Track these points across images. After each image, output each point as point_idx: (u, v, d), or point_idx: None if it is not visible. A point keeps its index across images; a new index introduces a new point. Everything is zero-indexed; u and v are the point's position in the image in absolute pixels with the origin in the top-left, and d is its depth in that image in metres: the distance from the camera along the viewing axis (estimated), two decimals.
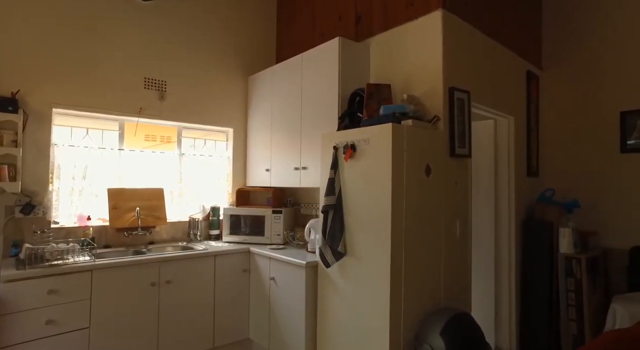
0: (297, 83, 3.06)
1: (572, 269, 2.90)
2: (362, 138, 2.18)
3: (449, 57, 2.41)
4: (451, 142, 2.37)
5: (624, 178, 3.14)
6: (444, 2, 2.41)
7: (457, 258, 2.46)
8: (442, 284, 2.32)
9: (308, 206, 3.42)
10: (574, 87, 3.44)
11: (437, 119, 2.31)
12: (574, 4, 3.45)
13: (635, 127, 3.08)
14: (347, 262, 2.26)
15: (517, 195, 3.12)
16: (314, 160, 2.85)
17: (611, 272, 3.16)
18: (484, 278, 3.17)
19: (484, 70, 2.81)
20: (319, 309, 2.45)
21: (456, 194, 2.46)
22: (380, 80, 2.74)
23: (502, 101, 3.00)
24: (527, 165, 3.30)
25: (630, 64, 3.13)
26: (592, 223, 3.26)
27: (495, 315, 3.15)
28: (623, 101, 3.15)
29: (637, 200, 3.07)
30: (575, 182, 3.39)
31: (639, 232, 3.05)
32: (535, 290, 3.07)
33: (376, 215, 2.09)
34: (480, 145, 3.18)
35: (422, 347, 2.00)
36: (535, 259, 3.08)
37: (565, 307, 2.93)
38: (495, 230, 3.15)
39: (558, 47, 3.55)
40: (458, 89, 2.42)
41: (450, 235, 2.40)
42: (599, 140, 3.28)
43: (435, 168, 2.28)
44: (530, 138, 3.35)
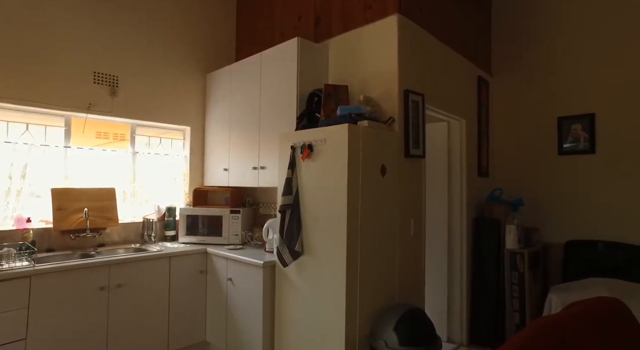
0: (256, 82, 3.04)
1: (516, 263, 3.09)
2: (319, 138, 2.21)
3: (404, 60, 2.49)
4: (406, 143, 2.45)
5: (560, 178, 3.40)
6: (400, 7, 2.49)
7: (412, 255, 2.55)
8: (396, 281, 2.39)
9: (267, 206, 3.40)
10: (518, 93, 3.67)
11: (393, 121, 2.38)
12: (519, 16, 3.68)
13: (570, 131, 3.34)
14: (304, 261, 2.27)
15: (469, 194, 3.28)
16: (272, 159, 2.84)
17: (549, 265, 3.40)
18: (437, 274, 3.31)
19: (437, 75, 2.92)
20: (277, 308, 2.44)
21: (411, 194, 2.54)
22: (338, 81, 2.78)
23: (454, 104, 3.15)
24: (478, 166, 3.48)
25: (566, 74, 3.39)
26: (535, 220, 3.50)
27: (447, 309, 3.29)
28: (560, 107, 3.41)
29: (572, 199, 3.33)
30: (520, 182, 3.62)
31: (573, 228, 3.31)
32: (484, 284, 3.24)
33: (332, 214, 2.12)
34: (434, 146, 3.31)
35: (377, 343, 2.06)
36: (485, 254, 3.26)
37: (510, 298, 3.12)
38: (449, 228, 3.30)
39: (505, 55, 3.77)
40: (413, 91, 2.51)
41: (404, 233, 2.48)
42: (540, 143, 3.52)
43: (390, 168, 2.35)
44: (481, 140, 3.53)
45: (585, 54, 3.30)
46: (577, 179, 3.32)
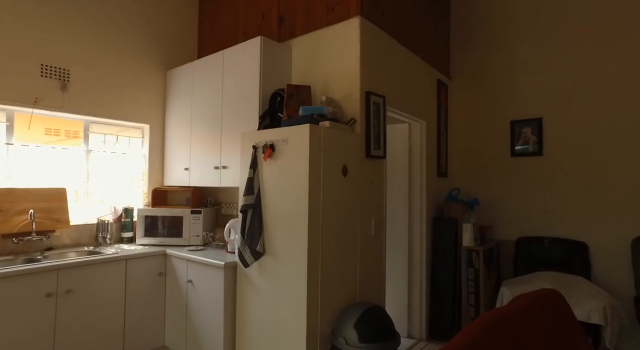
0: (218, 80, 2.98)
1: (472, 260, 3.23)
2: (281, 138, 2.20)
3: (366, 62, 2.54)
4: (367, 144, 2.50)
5: (513, 179, 3.59)
6: (362, 10, 2.53)
7: (373, 254, 2.60)
8: (358, 279, 2.43)
9: (229, 206, 3.35)
10: (475, 96, 3.84)
11: (354, 122, 2.42)
12: (476, 24, 3.85)
13: (521, 134, 3.53)
14: (265, 262, 2.26)
15: (428, 194, 3.39)
16: (234, 159, 2.80)
17: (502, 261, 3.59)
18: (398, 272, 3.39)
19: (398, 77, 3.00)
20: (238, 309, 2.42)
21: (372, 193, 2.60)
22: (301, 81, 2.78)
23: (415, 106, 3.24)
24: (437, 166, 3.60)
25: (517, 80, 3.58)
26: (489, 218, 3.67)
27: (408, 306, 3.38)
28: (512, 111, 3.60)
29: (522, 198, 3.53)
30: (476, 182, 3.79)
31: (523, 226, 3.51)
32: (442, 281, 3.36)
33: (294, 214, 2.12)
34: (395, 147, 3.40)
35: (338, 341, 2.09)
36: (443, 252, 3.38)
37: (466, 294, 3.26)
38: (409, 227, 3.39)
39: (463, 60, 3.93)
40: (374, 93, 2.56)
41: (366, 232, 2.53)
42: (495, 145, 3.70)
43: (351, 168, 2.38)
44: (440, 141, 3.66)
45: (535, 62, 3.50)
46: (527, 179, 3.52)
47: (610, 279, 3.12)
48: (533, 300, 1.53)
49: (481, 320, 1.29)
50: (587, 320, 2.68)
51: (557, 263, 3.29)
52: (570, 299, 2.79)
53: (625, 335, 3.00)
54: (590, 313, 2.68)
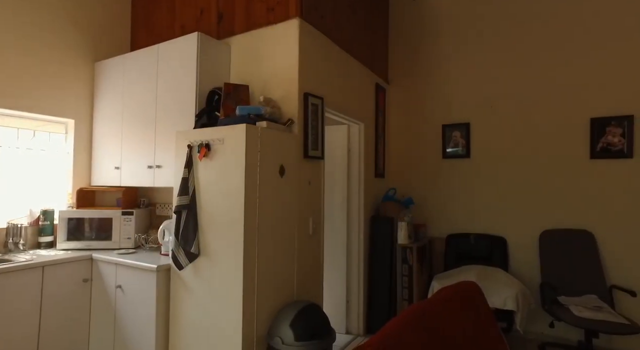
0: (153, 75, 2.85)
1: (406, 257, 3.41)
2: (217, 137, 2.16)
3: (304, 64, 2.57)
4: (305, 145, 2.53)
5: (444, 179, 3.84)
6: (301, 12, 2.56)
7: (310, 253, 2.64)
8: (295, 279, 2.46)
9: (164, 207, 3.21)
10: (411, 101, 4.05)
11: (292, 122, 2.44)
12: (412, 32, 4.06)
13: (451, 137, 3.79)
14: (200, 263, 2.21)
15: (366, 194, 3.51)
16: (169, 158, 2.69)
17: (434, 256, 3.82)
18: (337, 270, 3.48)
19: (338, 80, 3.07)
20: (172, 314, 2.33)
21: (309, 193, 2.64)
22: (240, 80, 2.75)
23: (353, 109, 3.34)
24: (375, 167, 3.74)
25: (448, 88, 3.84)
26: (423, 217, 3.90)
27: (346, 303, 3.48)
28: (444, 116, 3.85)
29: (452, 197, 3.79)
30: (411, 182, 4.00)
31: (452, 223, 3.77)
32: (379, 278, 3.50)
33: (230, 215, 2.09)
34: (334, 148, 3.48)
35: (273, 340, 2.09)
36: (380, 250, 3.52)
37: (401, 289, 3.43)
38: (348, 226, 3.48)
39: (400, 65, 4.13)
40: (313, 94, 2.60)
41: (303, 232, 2.56)
42: (428, 148, 3.93)
43: (289, 169, 2.40)
44: (378, 143, 3.80)
45: (464, 72, 3.78)
46: (457, 180, 3.78)
47: (523, 269, 3.46)
48: (452, 293, 1.65)
49: (405, 313, 1.38)
50: (503, 307, 2.95)
51: (481, 257, 3.58)
52: (490, 289, 3.06)
53: (533, 318, 3.34)
54: (505, 300, 2.95)
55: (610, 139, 3.21)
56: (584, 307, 2.89)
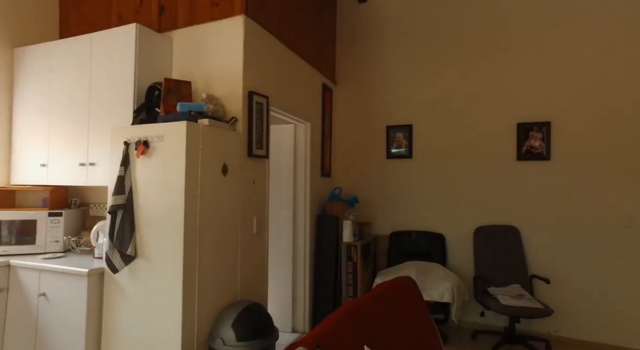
0: (86, 66, 2.66)
1: (351, 254, 3.50)
2: (156, 134, 2.08)
3: (250, 62, 2.55)
4: (249, 143, 2.51)
5: (388, 179, 3.99)
6: (246, 9, 2.53)
7: (254, 253, 2.62)
8: (238, 279, 2.43)
9: (98, 207, 3.02)
10: (357, 102, 4.16)
11: (235, 121, 2.41)
12: (358, 35, 4.17)
13: (395, 138, 3.95)
14: (138, 266, 2.11)
15: (312, 193, 3.55)
16: (104, 155, 2.54)
17: (378, 253, 3.96)
18: (283, 269, 3.48)
19: (284, 79, 3.08)
20: (105, 320, 2.20)
21: (254, 193, 2.62)
22: (183, 76, 2.66)
23: (300, 108, 3.36)
24: (321, 166, 3.80)
25: (392, 90, 4.00)
26: (367, 215, 4.02)
27: (292, 301, 3.50)
28: (388, 117, 4.00)
29: (395, 196, 3.95)
30: (357, 181, 4.11)
31: (395, 221, 3.94)
32: (324, 275, 3.56)
33: (169, 214, 2.02)
34: (281, 147, 3.48)
35: (215, 342, 2.06)
36: (325, 248, 3.58)
37: (346, 286, 3.52)
38: (294, 224, 3.50)
39: (347, 67, 4.22)
40: (257, 93, 2.58)
41: (247, 231, 2.54)
42: (373, 148, 4.06)
43: (232, 167, 2.37)
44: (324, 143, 3.86)
45: (408, 74, 3.95)
46: (400, 179, 3.95)
47: (459, 263, 3.70)
48: (389, 287, 1.73)
49: (342, 308, 1.42)
50: (440, 299, 3.13)
51: (422, 253, 3.77)
52: (429, 283, 3.23)
53: (467, 308, 3.59)
54: (443, 293, 3.14)
55: (533, 142, 3.53)
56: (509, 296, 3.16)
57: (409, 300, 1.77)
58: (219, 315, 2.15)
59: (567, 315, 3.35)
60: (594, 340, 3.27)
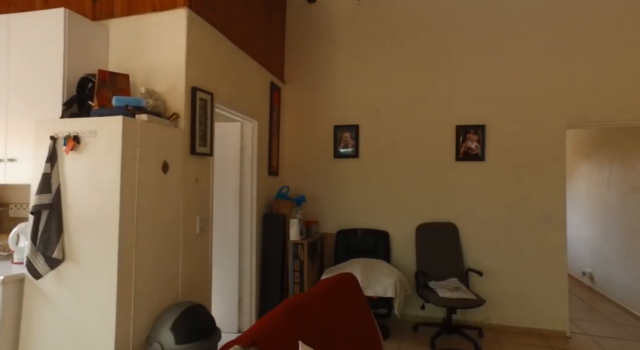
0: (2, 52, 2.42)
1: (297, 252, 3.51)
2: (88, 129, 1.95)
3: (193, 57, 2.47)
4: (192, 140, 2.44)
5: (335, 178, 4.06)
6: (190, 2, 2.45)
7: (197, 253, 2.55)
8: (180, 280, 2.35)
9: (20, 207, 2.76)
10: (305, 101, 4.19)
11: (177, 117, 2.32)
12: (307, 35, 4.20)
13: (342, 138, 4.03)
14: (66, 269, 1.96)
15: (259, 192, 3.52)
16: (27, 151, 2.33)
17: (325, 251, 4.02)
18: (229, 268, 3.42)
19: (230, 76, 3.02)
20: (24, 331, 2.02)
21: (197, 191, 2.54)
22: (121, 69, 2.52)
23: (247, 106, 3.32)
24: (269, 165, 3.78)
25: (339, 90, 4.07)
26: (315, 214, 4.06)
27: (239, 301, 3.44)
28: (336, 117, 4.07)
29: (342, 195, 4.03)
30: (304, 180, 4.14)
31: (342, 219, 4.02)
32: (271, 274, 3.54)
33: (103, 214, 1.91)
34: (228, 145, 3.41)
35: (152, 346, 1.97)
36: (272, 247, 3.57)
37: (292, 284, 3.53)
38: (240, 223, 3.45)
39: (296, 66, 4.23)
40: (201, 89, 2.51)
41: (190, 230, 2.46)
42: (321, 147, 4.11)
43: (174, 165, 2.28)
44: (271, 141, 3.84)
45: (355, 75, 4.05)
46: (347, 178, 4.03)
47: (402, 259, 3.86)
48: (330, 284, 1.77)
49: (282, 305, 1.43)
50: (384, 294, 3.24)
51: (367, 250, 3.87)
52: (374, 279, 3.34)
53: (409, 302, 3.76)
54: (386, 289, 3.25)
55: (470, 144, 3.77)
56: (447, 289, 3.35)
57: (350, 296, 1.82)
58: (158, 319, 2.07)
59: (496, 304, 3.62)
60: (518, 325, 3.57)
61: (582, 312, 4.11)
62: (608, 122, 3.47)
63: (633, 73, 3.41)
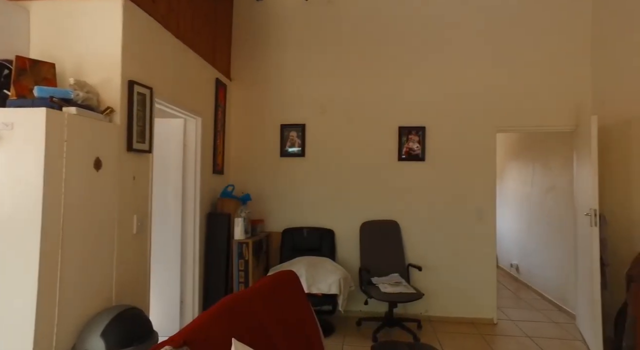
0: None
1: (242, 252, 3.47)
2: (4, 121, 1.78)
3: (130, 49, 2.35)
4: (129, 137, 2.32)
5: (281, 177, 4.07)
6: None
7: (134, 254, 2.43)
8: (114, 283, 2.22)
9: None
10: (252, 99, 4.14)
11: (112, 111, 2.20)
12: (255, 33, 4.16)
13: (289, 137, 4.05)
14: None
15: (203, 190, 3.43)
16: None
17: (271, 250, 4.01)
18: (170, 269, 3.30)
19: (172, 71, 2.91)
20: None
21: (134, 189, 2.43)
22: (45, 57, 2.32)
23: (190, 102, 3.22)
24: (214, 163, 3.69)
25: (286, 89, 4.08)
26: (261, 212, 4.04)
27: (180, 303, 3.33)
28: (283, 116, 4.08)
29: (289, 194, 4.05)
30: (251, 179, 4.10)
31: (288, 218, 4.03)
32: (215, 274, 3.47)
33: (23, 214, 1.76)
34: (169, 141, 3.29)
35: None
36: (216, 247, 3.49)
37: (237, 284, 3.48)
38: (182, 223, 3.34)
39: (243, 64, 4.17)
40: (140, 83, 2.40)
41: (126, 231, 2.34)
42: (267, 146, 4.09)
43: (108, 162, 2.16)
44: (217, 139, 3.76)
45: (302, 75, 4.08)
46: (293, 177, 4.05)
47: (347, 256, 3.96)
48: (269, 281, 1.78)
49: (218, 304, 1.41)
50: (328, 291, 3.31)
51: (313, 248, 3.92)
52: (318, 277, 3.39)
53: (353, 299, 3.86)
54: (330, 286, 3.32)
55: (412, 145, 3.95)
56: (388, 284, 3.49)
57: (290, 293, 1.84)
58: (86, 325, 1.95)
59: (434, 297, 3.84)
60: (453, 316, 3.81)
61: (508, 300, 4.48)
62: (529, 128, 3.82)
63: (548, 86, 3.78)
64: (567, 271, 4.03)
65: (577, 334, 3.49)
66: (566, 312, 4.04)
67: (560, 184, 4.25)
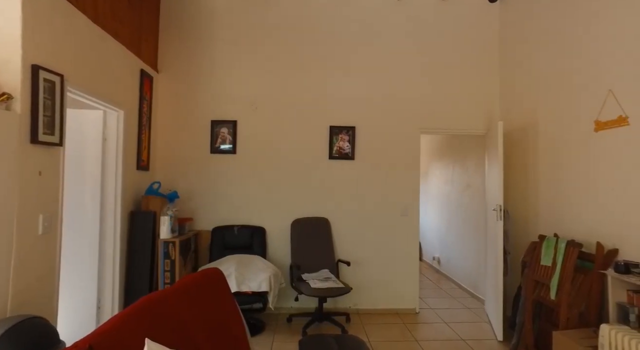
0: None
1: (168, 251, 3.33)
2: None
3: (34, 30, 2.13)
4: (33, 127, 2.10)
5: (211, 174, 3.96)
6: None
7: (39, 257, 2.22)
8: (10, 290, 2.00)
9: None
10: (181, 93, 3.98)
11: (9, 98, 1.98)
12: (184, 26, 3.99)
13: (220, 133, 3.96)
14: None
15: (125, 187, 3.22)
16: None
17: (200, 249, 3.89)
18: (86, 271, 3.05)
19: (89, 58, 2.69)
20: None
21: (40, 186, 2.21)
22: None
23: (111, 93, 3.00)
24: (138, 159, 3.48)
25: (218, 84, 3.99)
26: (190, 211, 3.90)
27: (97, 309, 3.10)
28: (213, 112, 3.98)
29: (219, 191, 3.96)
30: (179, 175, 3.94)
31: (218, 216, 3.95)
32: (138, 276, 3.28)
33: None
34: (85, 134, 3.04)
35: None
36: (140, 247, 3.30)
37: (163, 285, 3.32)
38: (101, 222, 3.11)
39: (172, 56, 3.99)
40: (47, 69, 2.18)
41: (28, 232, 2.12)
42: (197, 142, 3.96)
43: (5, 156, 1.94)
44: (141, 133, 3.55)
45: (234, 70, 4.00)
46: (224, 174, 3.97)
47: (278, 254, 3.98)
48: (192, 280, 1.74)
49: (134, 305, 1.35)
50: (258, 289, 3.29)
51: (244, 246, 3.88)
52: (249, 274, 3.36)
53: (283, 295, 3.89)
54: (260, 283, 3.31)
55: (342, 144, 4.08)
56: (318, 279, 3.58)
57: (214, 291, 1.81)
58: None
59: (362, 291, 4.01)
60: (380, 308, 4.02)
61: (429, 291, 4.83)
62: (448, 130, 4.16)
63: (465, 94, 4.15)
64: (479, 261, 4.45)
65: (484, 317, 3.88)
66: (477, 298, 4.46)
67: (475, 182, 4.68)
